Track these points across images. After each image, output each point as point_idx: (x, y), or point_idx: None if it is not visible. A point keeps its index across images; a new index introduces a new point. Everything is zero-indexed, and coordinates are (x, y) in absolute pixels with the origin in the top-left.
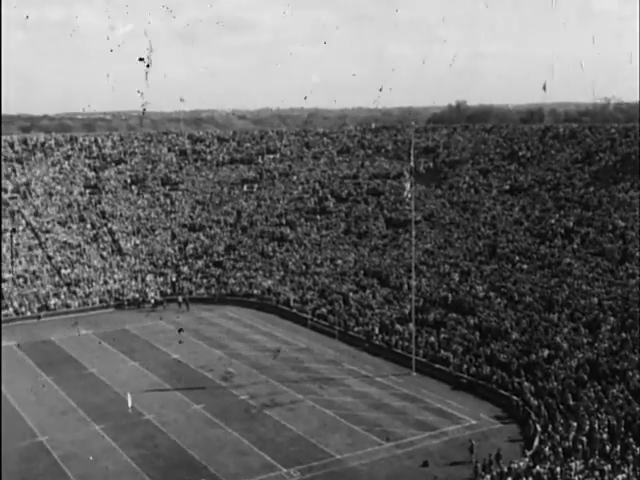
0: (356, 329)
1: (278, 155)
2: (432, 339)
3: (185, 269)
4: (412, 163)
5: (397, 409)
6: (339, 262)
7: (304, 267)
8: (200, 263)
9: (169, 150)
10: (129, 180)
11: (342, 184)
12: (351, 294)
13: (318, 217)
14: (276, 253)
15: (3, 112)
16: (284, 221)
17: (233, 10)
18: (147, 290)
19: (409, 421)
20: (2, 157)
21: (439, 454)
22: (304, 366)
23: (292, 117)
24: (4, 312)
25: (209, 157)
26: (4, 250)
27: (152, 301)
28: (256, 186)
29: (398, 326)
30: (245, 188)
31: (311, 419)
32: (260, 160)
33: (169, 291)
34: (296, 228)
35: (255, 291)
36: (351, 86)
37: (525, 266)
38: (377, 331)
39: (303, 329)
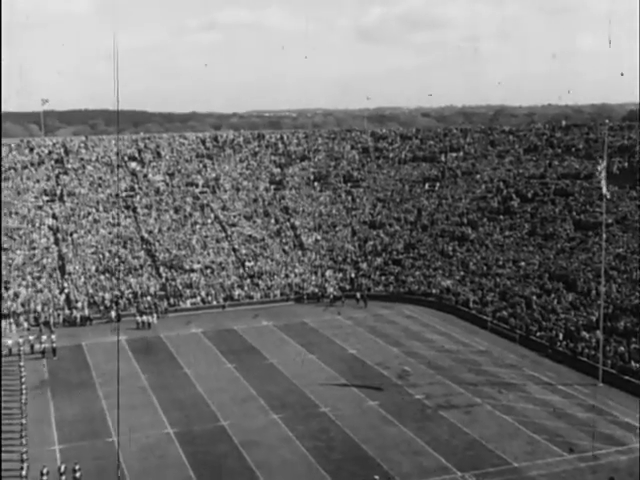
0: (538, 334)
1: (462, 153)
2: (622, 349)
3: (364, 266)
4: (605, 163)
5: (581, 420)
6: (522, 264)
7: (485, 268)
8: (379, 260)
9: (352, 147)
10: (312, 177)
11: (528, 184)
12: (534, 297)
13: (501, 217)
14: (456, 253)
15: (198, 110)
16: (465, 220)
17: (420, 7)
18: (326, 285)
19: (594, 434)
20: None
21: (627, 471)
22: (482, 369)
23: (477, 114)
24: (192, 300)
25: (391, 154)
26: (193, 242)
27: (331, 296)
28: (438, 184)
29: (584, 333)
30: (427, 186)
31: (488, 424)
32: (443, 158)
33: (348, 287)
34: (478, 228)
35: (434, 290)
36: (540, 82)
37: None
38: (561, 337)
39: (482, 331)
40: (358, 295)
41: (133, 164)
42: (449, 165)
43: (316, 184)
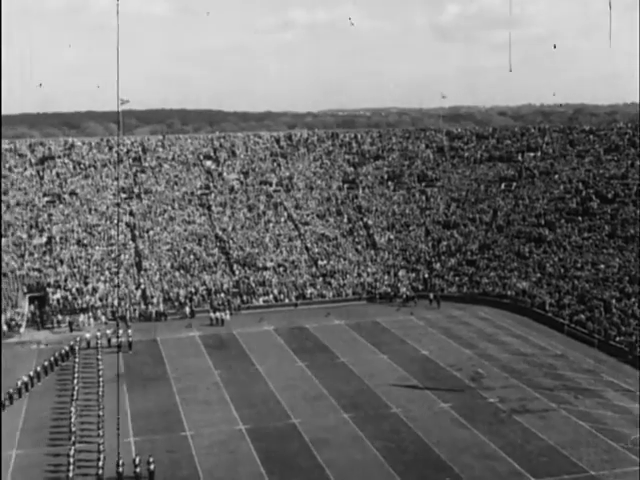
0: (618, 339)
1: (539, 153)
2: None
3: (437, 266)
4: None
5: None
6: (602, 267)
7: (562, 270)
8: (453, 261)
9: (427, 147)
10: (386, 176)
11: (608, 184)
12: (614, 301)
13: (580, 218)
14: (533, 254)
15: (273, 109)
16: (543, 221)
17: (497, 5)
18: (399, 285)
19: None
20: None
21: None
22: (558, 373)
23: (556, 113)
24: (265, 298)
25: (467, 154)
26: (267, 240)
27: (404, 296)
28: (515, 184)
29: None
30: (503, 186)
31: (564, 430)
32: (520, 158)
33: (420, 287)
34: (555, 229)
35: (509, 292)
36: (622, 80)
37: None
38: None
39: (559, 335)
40: (431, 296)
41: (208, 163)
42: (526, 165)
43: (390, 183)
